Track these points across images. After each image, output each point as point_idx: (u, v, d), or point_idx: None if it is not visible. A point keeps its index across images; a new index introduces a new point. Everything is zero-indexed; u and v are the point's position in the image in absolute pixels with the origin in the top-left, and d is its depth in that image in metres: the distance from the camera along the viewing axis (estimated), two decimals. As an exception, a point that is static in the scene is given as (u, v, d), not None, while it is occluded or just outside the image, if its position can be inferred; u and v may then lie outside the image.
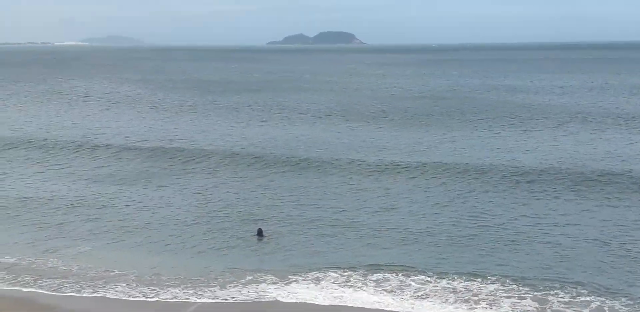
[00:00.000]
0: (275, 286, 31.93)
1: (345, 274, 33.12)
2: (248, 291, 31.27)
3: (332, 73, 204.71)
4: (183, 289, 31.62)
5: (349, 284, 32.03)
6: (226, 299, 30.47)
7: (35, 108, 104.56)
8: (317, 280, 32.53)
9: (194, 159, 60.90)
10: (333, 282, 32.16)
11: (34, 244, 38.28)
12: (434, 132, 75.81)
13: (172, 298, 30.66)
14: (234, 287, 31.82)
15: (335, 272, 33.39)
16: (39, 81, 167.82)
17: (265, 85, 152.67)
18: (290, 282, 32.27)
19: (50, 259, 35.72)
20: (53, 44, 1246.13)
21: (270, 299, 30.39)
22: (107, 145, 68.20)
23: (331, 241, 38.53)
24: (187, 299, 30.59)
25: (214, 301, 30.38)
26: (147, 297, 30.72)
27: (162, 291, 31.37)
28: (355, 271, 33.42)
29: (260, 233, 39.18)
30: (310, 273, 33.25)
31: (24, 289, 31.77)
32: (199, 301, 30.34)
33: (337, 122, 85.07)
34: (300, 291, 31.22)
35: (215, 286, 32.00)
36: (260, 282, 32.29)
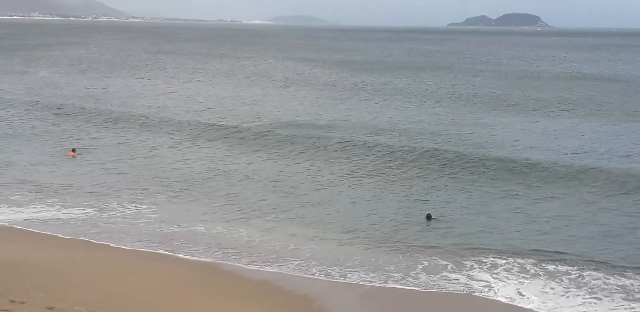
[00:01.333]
0: (457, 274, 31.11)
1: (518, 263, 32.09)
2: (429, 277, 30.69)
3: (513, 56, 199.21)
4: (360, 270, 31.43)
5: (527, 275, 30.78)
6: (407, 285, 29.96)
7: (216, 86, 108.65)
8: (494, 267, 31.73)
9: (364, 140, 61.03)
10: (508, 271, 31.06)
11: (224, 216, 39.98)
12: (619, 127, 71.22)
13: (348, 279, 30.57)
14: (412, 272, 31.34)
15: (506, 258, 32.62)
16: (223, 58, 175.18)
17: (441, 66, 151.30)
18: (469, 270, 31.47)
19: (240, 229, 37.17)
20: (241, 22, 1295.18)
21: (463, 292, 29.41)
22: (284, 123, 70.26)
23: (503, 227, 37.68)
24: (366, 282, 30.26)
25: (398, 285, 29.89)
26: (323, 276, 30.89)
27: (336, 268, 31.56)
28: (526, 259, 32.47)
29: (429, 217, 39.08)
30: (485, 258, 32.59)
31: (203, 259, 32.82)
32: (372, 284, 30.11)
33: (511, 112, 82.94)
34: (488, 283, 30.09)
35: (392, 270, 31.54)
36: (439, 271, 31.54)
